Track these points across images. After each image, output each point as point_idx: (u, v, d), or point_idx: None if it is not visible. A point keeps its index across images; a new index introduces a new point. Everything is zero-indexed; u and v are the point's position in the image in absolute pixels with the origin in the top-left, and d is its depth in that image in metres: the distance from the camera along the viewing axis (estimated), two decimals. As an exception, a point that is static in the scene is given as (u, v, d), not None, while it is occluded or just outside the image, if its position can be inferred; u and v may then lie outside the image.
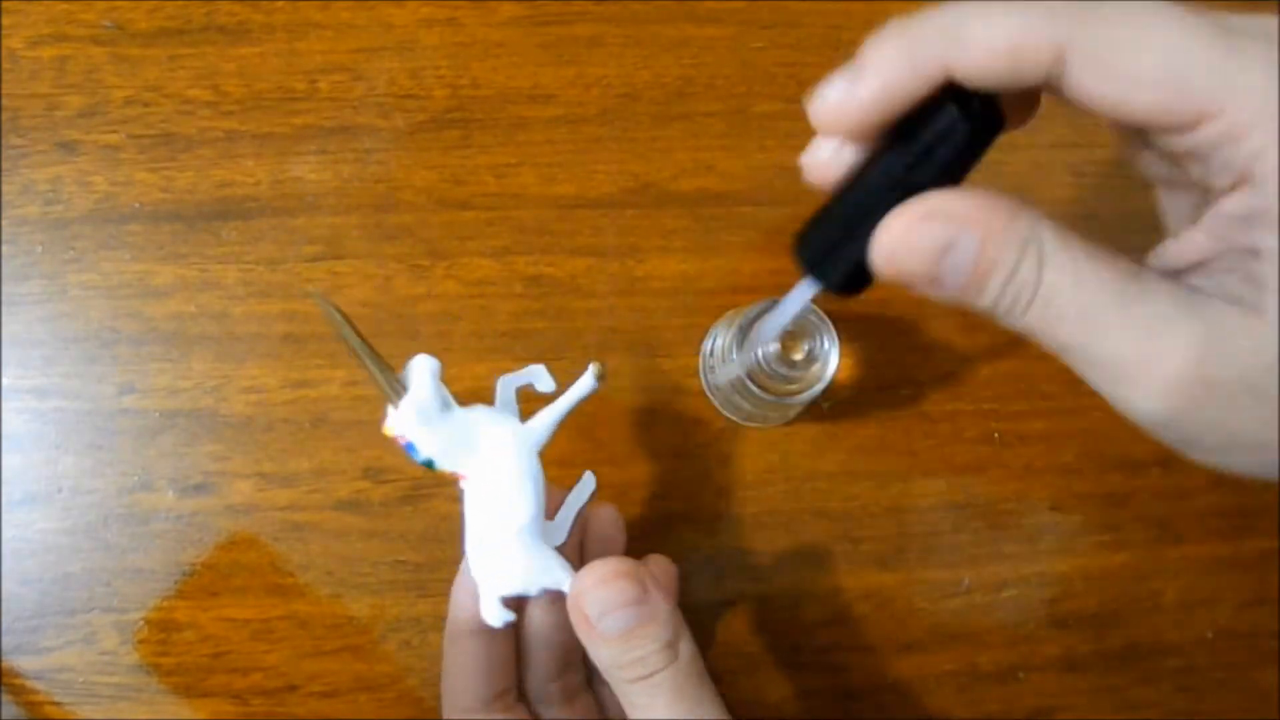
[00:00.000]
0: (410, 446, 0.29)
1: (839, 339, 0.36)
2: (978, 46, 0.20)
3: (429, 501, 0.39)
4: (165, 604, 0.38)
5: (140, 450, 0.38)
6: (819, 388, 0.36)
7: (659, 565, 0.32)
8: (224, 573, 0.38)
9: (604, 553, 0.32)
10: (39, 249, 0.39)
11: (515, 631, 0.32)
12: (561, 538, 0.31)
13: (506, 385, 0.31)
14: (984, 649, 0.40)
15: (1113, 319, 0.20)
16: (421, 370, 0.28)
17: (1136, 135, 0.22)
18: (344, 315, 0.29)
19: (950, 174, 0.22)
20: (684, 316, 0.41)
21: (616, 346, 0.40)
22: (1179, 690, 0.41)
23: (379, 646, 0.38)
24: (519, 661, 0.33)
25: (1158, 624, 0.41)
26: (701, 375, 0.40)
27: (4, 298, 0.39)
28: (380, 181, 0.41)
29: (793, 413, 0.39)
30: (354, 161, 0.41)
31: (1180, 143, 0.20)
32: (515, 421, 0.30)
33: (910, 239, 0.21)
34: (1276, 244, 0.19)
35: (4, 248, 0.39)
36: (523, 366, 0.31)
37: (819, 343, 0.36)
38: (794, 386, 0.36)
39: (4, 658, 0.37)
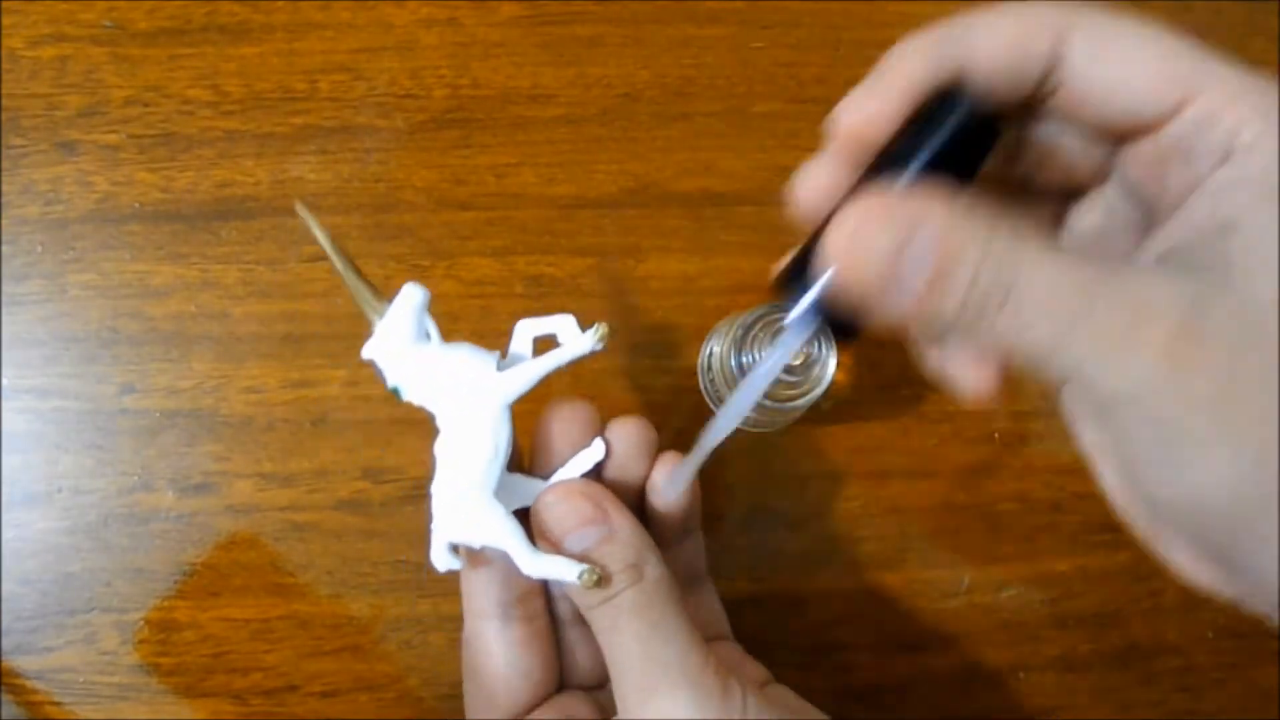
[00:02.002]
0: (381, 371, 0.28)
1: (835, 343, 0.36)
2: (986, 42, 0.21)
3: (429, 501, 0.38)
4: (165, 604, 0.38)
5: (140, 450, 0.38)
6: (817, 393, 0.36)
7: (672, 460, 0.31)
8: (224, 573, 0.38)
9: (621, 478, 0.31)
10: (39, 249, 0.39)
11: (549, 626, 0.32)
12: (528, 500, 0.29)
13: (524, 330, 0.30)
14: (984, 649, 0.40)
15: (1096, 300, 0.19)
16: (404, 299, 0.28)
17: (1108, 147, 0.23)
18: (328, 233, 0.28)
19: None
20: (684, 316, 0.41)
21: (616, 346, 0.40)
22: (1179, 690, 0.41)
23: (379, 646, 0.38)
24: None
25: (1158, 624, 0.41)
26: (700, 380, 0.40)
27: (4, 298, 0.39)
28: (380, 181, 0.41)
29: (792, 417, 0.39)
30: (354, 161, 0.41)
31: (1165, 135, 0.21)
32: (493, 369, 0.28)
33: (863, 236, 0.20)
34: (1253, 212, 0.19)
35: (4, 248, 0.39)
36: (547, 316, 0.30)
37: (816, 348, 0.36)
38: (793, 393, 0.36)
39: (4, 658, 0.37)
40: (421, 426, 0.38)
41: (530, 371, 0.28)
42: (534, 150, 0.41)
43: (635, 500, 0.31)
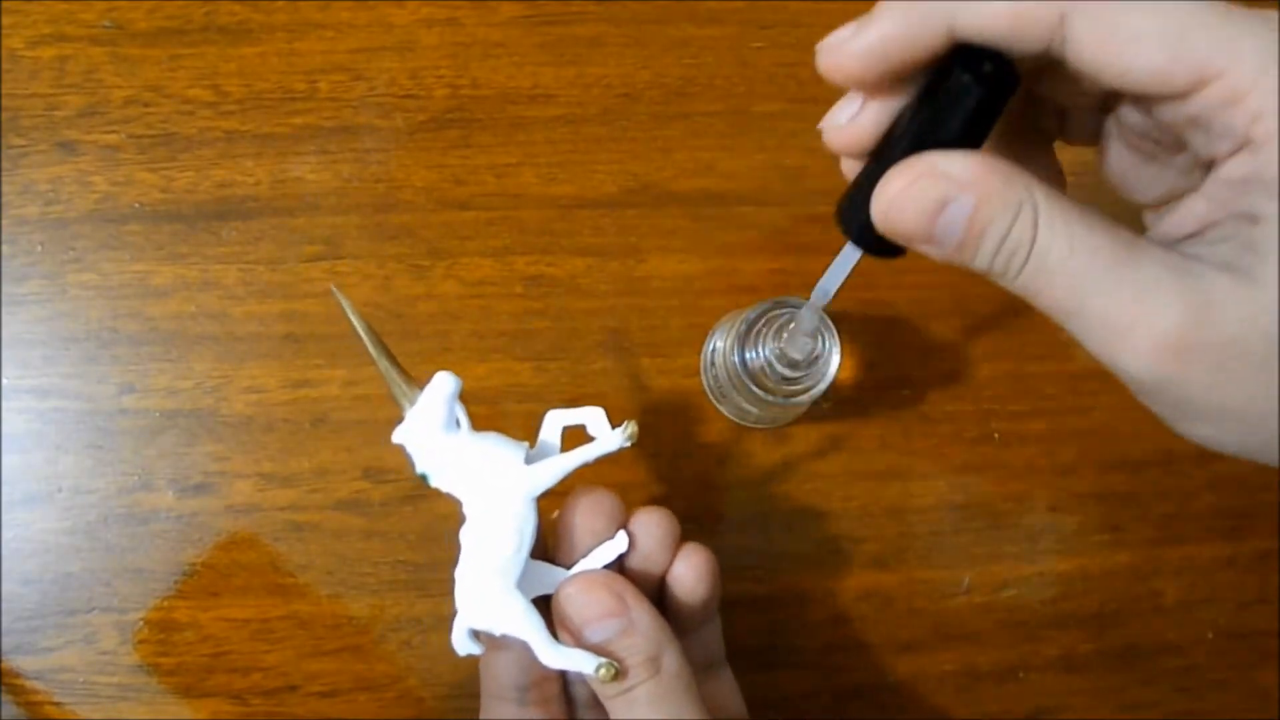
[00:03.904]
0: (410, 456, 0.29)
1: (840, 339, 0.36)
2: (981, 8, 0.21)
3: (429, 502, 0.39)
4: (165, 604, 0.38)
5: (140, 450, 0.38)
6: (821, 387, 0.36)
7: (695, 554, 0.31)
8: (224, 573, 0.38)
9: (645, 568, 0.31)
10: (39, 249, 0.39)
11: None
12: (549, 588, 0.30)
13: (554, 420, 0.30)
14: (984, 649, 0.40)
15: (1106, 282, 0.20)
16: (435, 387, 0.28)
17: (1127, 108, 0.23)
18: (361, 316, 0.28)
19: (967, 135, 0.22)
20: (684, 316, 0.41)
21: (616, 346, 0.40)
22: (1179, 690, 0.41)
23: (379, 646, 0.38)
24: None
25: (1158, 624, 0.41)
26: (702, 376, 0.40)
27: (4, 298, 0.39)
28: (380, 181, 0.41)
29: (794, 414, 0.39)
30: (354, 161, 0.41)
31: (1180, 110, 0.20)
32: (520, 461, 0.29)
33: (907, 196, 0.21)
34: (1276, 209, 0.19)
35: (4, 248, 0.39)
36: (567, 408, 0.30)
37: (821, 343, 0.36)
38: (796, 387, 0.36)
39: (4, 658, 0.37)
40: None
41: (558, 466, 0.29)
42: (534, 150, 0.41)
43: (656, 589, 0.31)
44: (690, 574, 0.31)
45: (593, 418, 0.30)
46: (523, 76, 0.42)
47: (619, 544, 0.30)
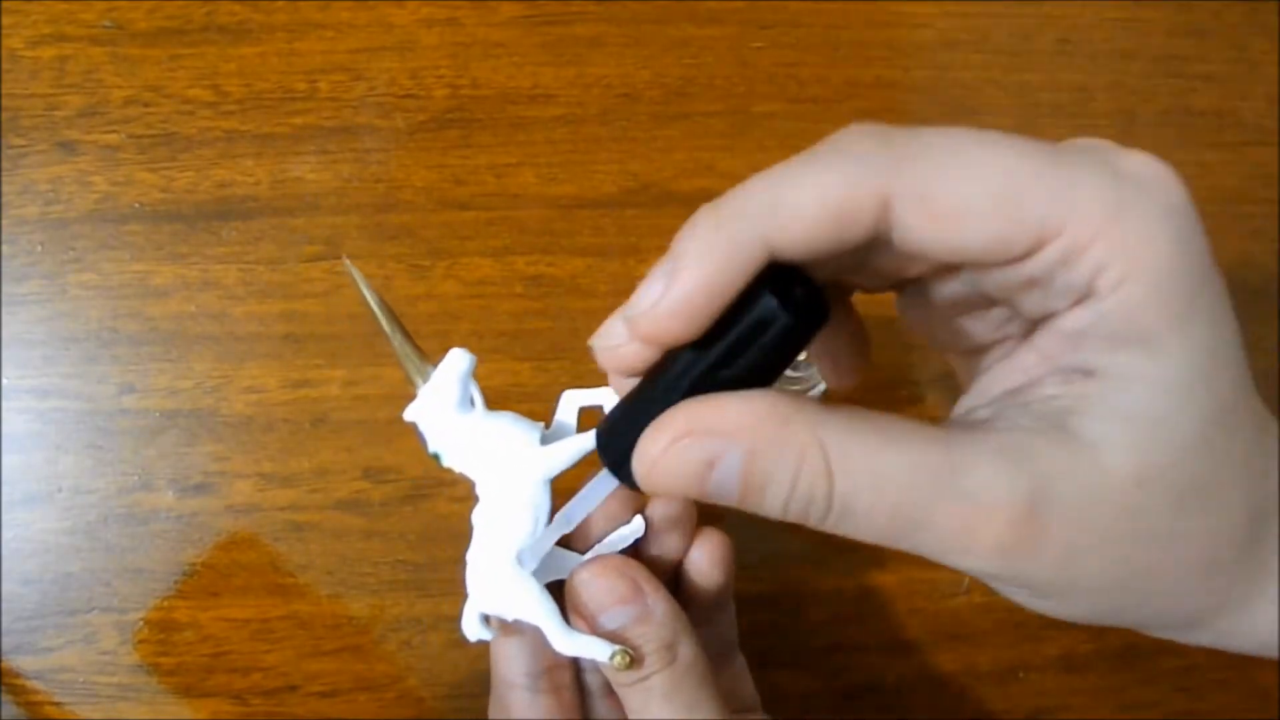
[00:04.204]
0: (423, 434, 0.28)
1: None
2: (798, 215, 0.18)
3: (429, 501, 0.39)
4: (165, 604, 0.38)
5: (140, 450, 0.38)
6: (821, 387, 0.36)
7: (712, 539, 0.31)
8: (224, 573, 0.38)
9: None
10: (39, 249, 0.39)
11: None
12: (563, 573, 0.29)
13: (569, 401, 0.29)
14: (984, 649, 0.40)
15: (930, 504, 0.18)
16: (449, 364, 0.28)
17: (945, 276, 0.21)
18: (374, 290, 0.28)
19: (761, 371, 0.20)
20: (684, 316, 0.41)
21: (616, 346, 0.40)
22: (1179, 690, 0.41)
23: (379, 646, 0.38)
24: None
25: (1158, 624, 0.41)
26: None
27: (4, 298, 0.39)
28: (380, 181, 0.41)
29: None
30: (354, 161, 0.41)
31: (1014, 272, 0.19)
32: (535, 442, 0.28)
33: (668, 459, 0.19)
34: (1113, 362, 0.18)
35: (4, 248, 0.39)
36: (579, 389, 0.30)
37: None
38: (796, 387, 0.36)
39: (4, 658, 0.37)
40: (421, 426, 0.38)
41: (574, 448, 0.28)
42: (534, 150, 0.41)
43: (671, 576, 0.31)
44: (706, 560, 0.31)
45: (609, 398, 0.29)
46: (523, 76, 0.42)
47: (635, 529, 0.30)
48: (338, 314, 0.39)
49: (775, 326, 0.19)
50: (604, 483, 0.25)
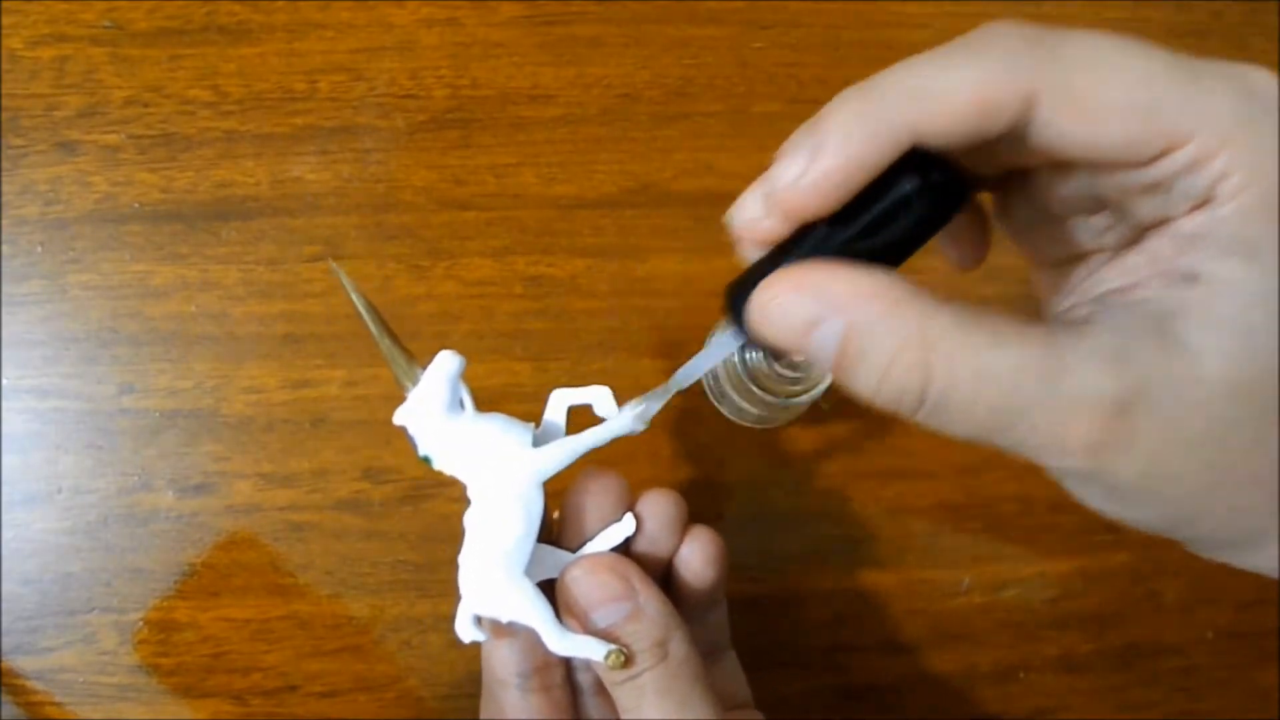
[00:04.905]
0: (413, 438, 0.28)
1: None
2: (946, 101, 0.19)
3: (429, 501, 0.39)
4: (165, 604, 0.38)
5: (140, 450, 0.38)
6: (821, 388, 0.36)
7: (703, 537, 0.31)
8: (224, 573, 0.38)
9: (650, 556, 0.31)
10: (39, 249, 0.39)
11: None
12: (554, 572, 0.29)
13: (559, 400, 0.29)
14: (984, 649, 0.40)
15: (1027, 405, 0.19)
16: (438, 367, 0.27)
17: (1067, 171, 0.21)
18: (362, 293, 0.28)
19: (895, 250, 0.21)
20: (684, 316, 0.41)
21: (616, 346, 0.40)
22: (1179, 690, 0.41)
23: (379, 646, 0.38)
24: None
25: (1158, 624, 0.41)
26: (702, 376, 0.40)
27: (4, 298, 0.39)
28: (380, 181, 0.41)
29: (794, 414, 0.39)
30: (354, 161, 0.41)
31: (1139, 176, 0.19)
32: (527, 443, 0.28)
33: (777, 307, 0.20)
34: (1219, 269, 0.19)
35: (4, 248, 0.39)
36: (572, 388, 0.29)
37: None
38: (797, 388, 0.36)
39: (4, 658, 0.37)
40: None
41: (567, 449, 0.28)
42: (534, 150, 0.41)
43: (662, 573, 0.31)
44: (698, 557, 0.31)
45: (599, 397, 0.29)
46: (523, 76, 0.42)
47: (626, 526, 0.30)
48: (338, 314, 0.39)
49: (914, 209, 0.20)
50: (726, 340, 0.25)
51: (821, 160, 0.20)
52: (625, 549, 0.30)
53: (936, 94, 0.19)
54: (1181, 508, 0.20)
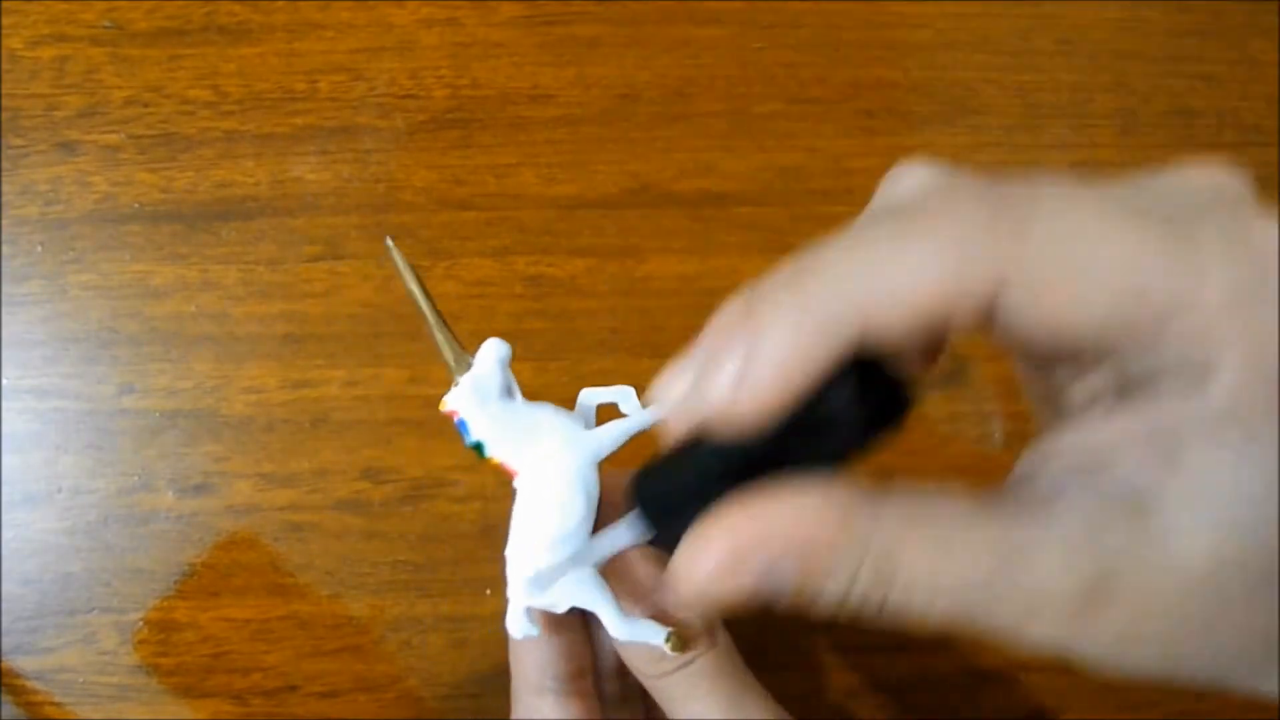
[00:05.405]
0: (463, 425, 0.27)
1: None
2: (898, 298, 0.17)
3: (429, 502, 0.39)
4: (165, 604, 0.38)
5: (140, 450, 0.38)
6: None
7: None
8: (224, 573, 0.38)
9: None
10: (39, 249, 0.39)
11: (585, 620, 0.31)
12: (599, 559, 0.29)
13: (588, 397, 0.29)
14: (984, 649, 0.40)
15: (989, 598, 0.18)
16: (489, 351, 0.28)
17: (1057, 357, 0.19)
18: (420, 278, 0.28)
19: (824, 463, 0.19)
20: (684, 317, 0.41)
21: (617, 347, 0.40)
22: (1179, 690, 0.41)
23: (379, 646, 0.38)
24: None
25: (1158, 624, 0.41)
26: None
27: (4, 298, 0.39)
28: (380, 181, 0.41)
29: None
30: (354, 161, 0.41)
31: (1131, 355, 0.18)
32: (580, 427, 0.28)
33: (717, 586, 0.19)
34: (1204, 445, 0.17)
35: (4, 248, 0.39)
36: (579, 395, 0.30)
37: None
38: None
39: (4, 658, 0.37)
40: (422, 428, 0.38)
41: (620, 430, 0.28)
42: (534, 150, 0.41)
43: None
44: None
45: (624, 396, 0.29)
46: (523, 76, 0.42)
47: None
48: (338, 314, 0.39)
49: (850, 427, 0.18)
50: (629, 532, 0.24)
51: (756, 370, 0.18)
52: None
53: (887, 290, 0.17)
54: (1168, 666, 0.19)
